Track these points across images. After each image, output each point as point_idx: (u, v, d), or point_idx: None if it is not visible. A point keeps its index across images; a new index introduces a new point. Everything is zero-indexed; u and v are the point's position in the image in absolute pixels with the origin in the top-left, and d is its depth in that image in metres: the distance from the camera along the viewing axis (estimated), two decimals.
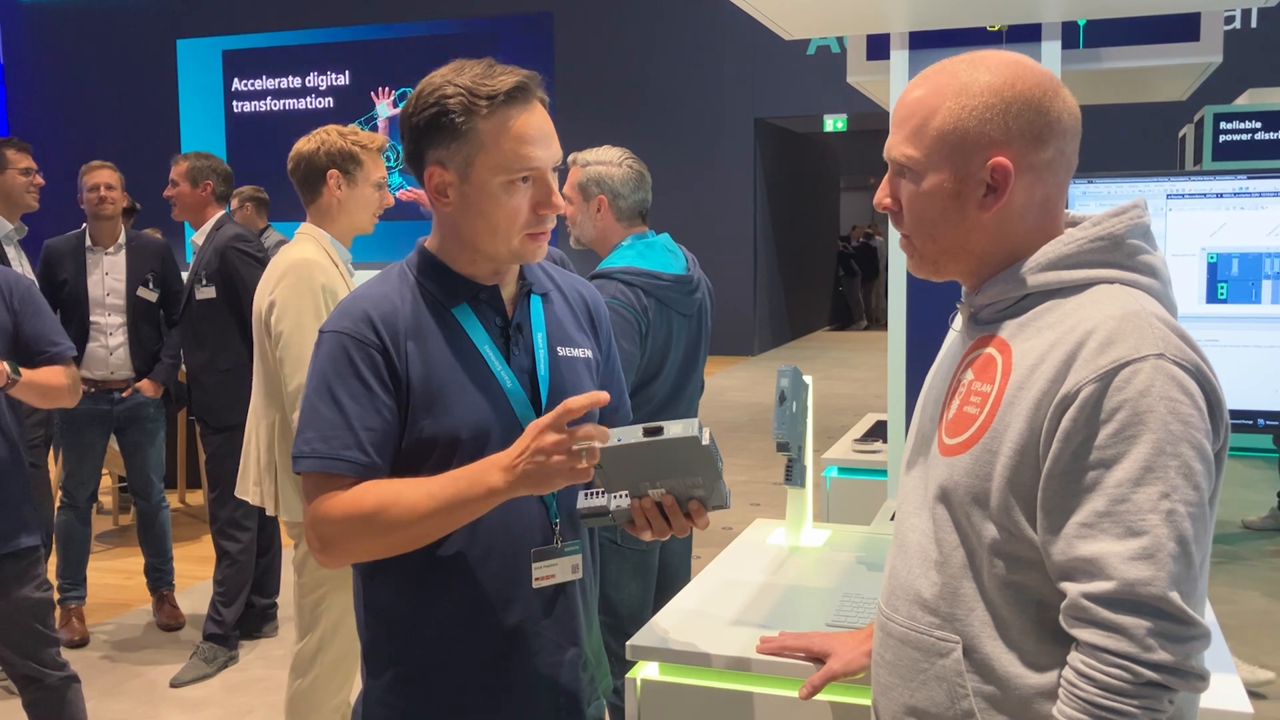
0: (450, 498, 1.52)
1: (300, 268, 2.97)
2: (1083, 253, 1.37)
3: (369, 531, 1.56)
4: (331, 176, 3.05)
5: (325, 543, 1.58)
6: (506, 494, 1.51)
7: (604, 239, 3.02)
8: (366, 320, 1.62)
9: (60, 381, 2.89)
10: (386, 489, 1.56)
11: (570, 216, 3.02)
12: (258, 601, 4.69)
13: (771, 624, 2.12)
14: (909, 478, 1.51)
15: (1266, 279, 2.70)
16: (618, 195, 2.97)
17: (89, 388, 4.60)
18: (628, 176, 2.99)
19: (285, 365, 2.94)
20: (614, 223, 3.00)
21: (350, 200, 3.08)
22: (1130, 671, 1.21)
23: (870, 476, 3.80)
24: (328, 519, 1.57)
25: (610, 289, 2.82)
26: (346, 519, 1.56)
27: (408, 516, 1.53)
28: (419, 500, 1.53)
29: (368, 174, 3.10)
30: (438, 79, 1.61)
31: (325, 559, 1.62)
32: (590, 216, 3.00)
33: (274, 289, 2.98)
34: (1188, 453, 1.24)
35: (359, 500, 1.56)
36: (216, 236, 4.44)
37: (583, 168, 3.01)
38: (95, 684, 4.16)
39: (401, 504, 1.54)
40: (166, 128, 16.81)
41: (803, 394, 2.59)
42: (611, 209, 2.98)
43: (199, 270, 4.42)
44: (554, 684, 1.71)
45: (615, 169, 2.98)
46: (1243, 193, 2.70)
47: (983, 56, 1.41)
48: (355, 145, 3.07)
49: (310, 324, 2.90)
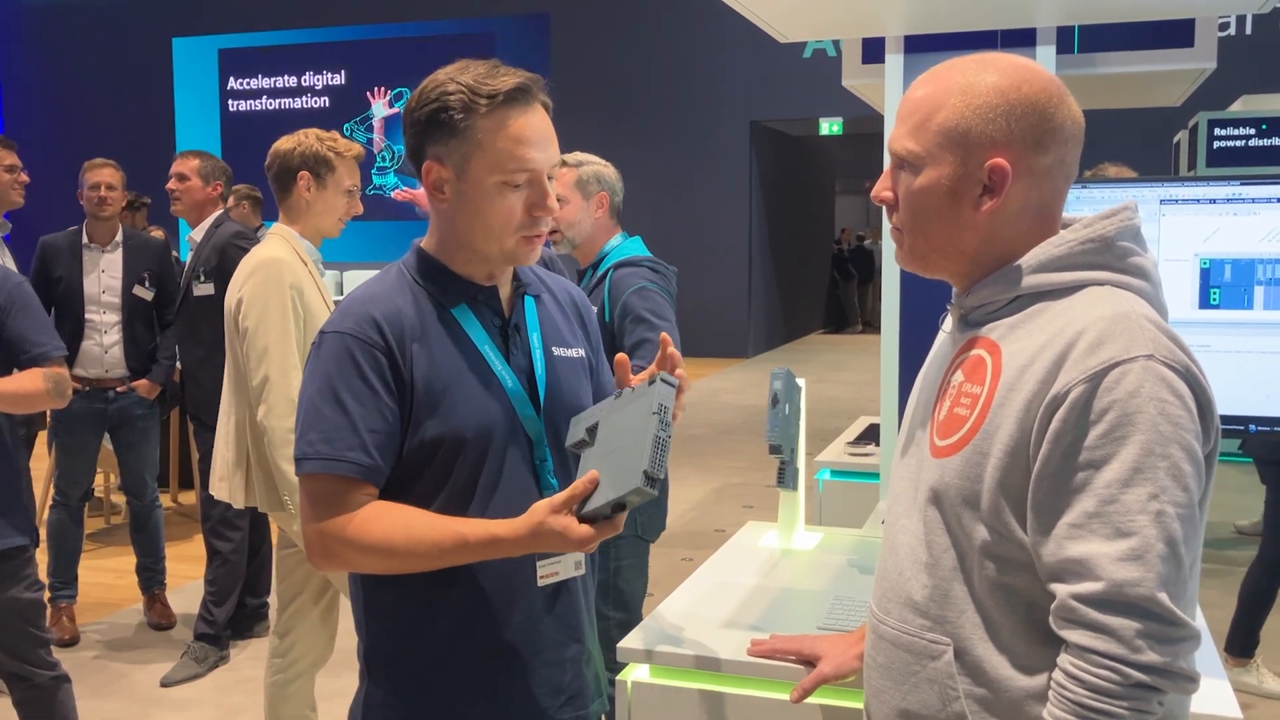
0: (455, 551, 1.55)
1: (269, 265, 3.00)
2: (1073, 254, 1.38)
3: (373, 559, 1.58)
4: (302, 178, 3.09)
5: (328, 556, 1.60)
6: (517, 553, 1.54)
7: (594, 237, 3.11)
8: (371, 321, 1.61)
9: (35, 386, 2.79)
10: (394, 522, 1.56)
11: (565, 217, 3.06)
12: (250, 601, 4.68)
13: (763, 626, 2.12)
14: (899, 479, 1.51)
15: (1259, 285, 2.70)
16: (614, 192, 3.12)
17: (83, 386, 4.59)
18: (617, 176, 3.15)
19: (250, 360, 2.97)
20: (607, 219, 3.12)
21: (318, 203, 3.13)
22: (1119, 673, 1.21)
23: (863, 479, 3.80)
24: (335, 536, 1.57)
25: (642, 274, 2.98)
26: (352, 543, 1.57)
27: (409, 555, 1.55)
28: (424, 547, 1.55)
29: (339, 180, 3.14)
30: (441, 76, 1.62)
31: (319, 564, 1.62)
32: (590, 214, 3.09)
33: (243, 286, 3.01)
34: (1177, 454, 1.24)
35: (366, 529, 1.56)
36: (217, 234, 4.44)
37: (577, 167, 3.07)
38: (86, 683, 4.15)
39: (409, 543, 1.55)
40: (162, 126, 16.78)
41: (796, 397, 2.59)
42: (610, 205, 3.11)
43: (197, 267, 4.42)
44: (558, 681, 1.71)
45: (606, 168, 3.12)
46: (1236, 199, 2.70)
47: (992, 58, 1.41)
48: (330, 151, 3.12)
49: (276, 320, 2.95)
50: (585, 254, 3.16)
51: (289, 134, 3.18)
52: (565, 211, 3.05)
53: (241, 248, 4.34)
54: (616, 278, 2.98)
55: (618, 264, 3.00)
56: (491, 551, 1.54)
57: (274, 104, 16.76)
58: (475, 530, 1.54)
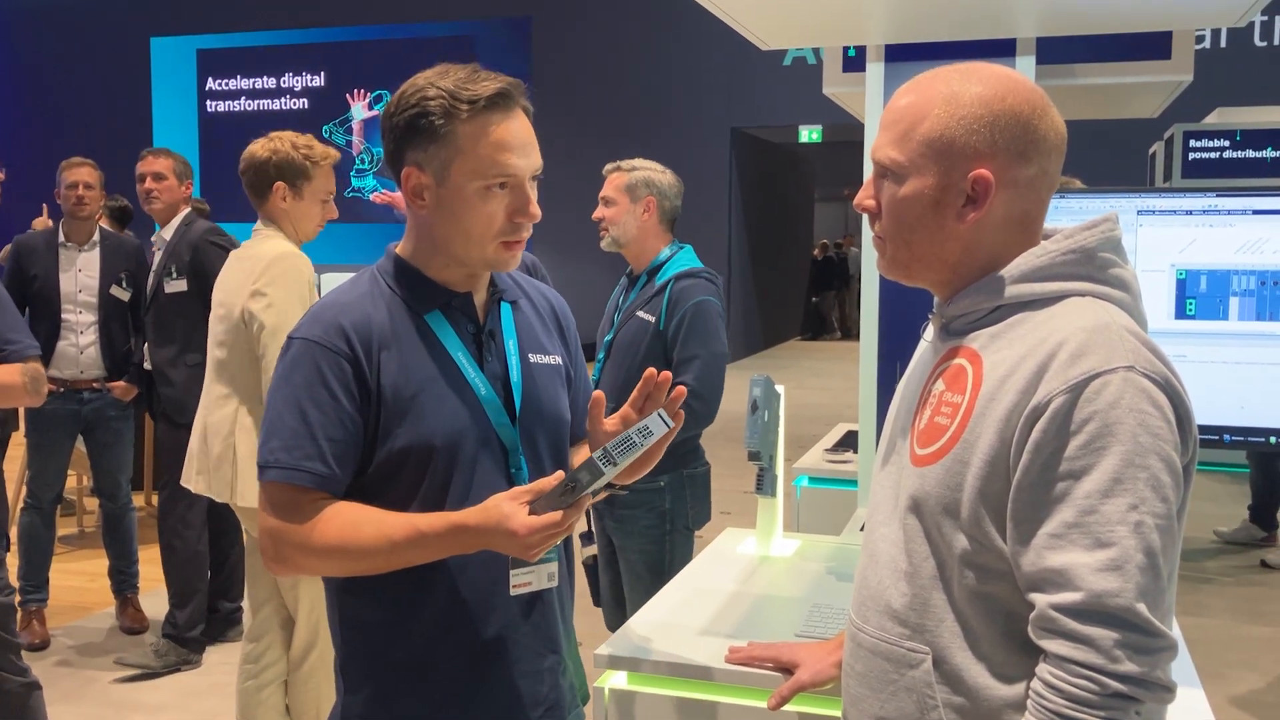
0: (410, 545, 1.53)
1: (286, 259, 2.99)
2: (1054, 265, 1.38)
3: (327, 561, 1.58)
4: (278, 189, 3.07)
5: (280, 560, 1.60)
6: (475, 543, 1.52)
7: (643, 240, 3.28)
8: (338, 329, 1.60)
9: (13, 380, 2.74)
10: (346, 520, 1.56)
11: (612, 217, 3.27)
12: (222, 606, 4.64)
13: (740, 634, 2.11)
14: (879, 488, 1.51)
15: (1234, 296, 2.72)
16: (664, 197, 3.28)
17: (57, 387, 4.54)
18: (673, 182, 3.32)
19: (269, 351, 2.94)
20: (656, 224, 3.28)
21: (294, 211, 3.13)
22: (1097, 683, 1.21)
23: (841, 486, 3.81)
24: (286, 541, 1.57)
25: (702, 288, 3.19)
26: (302, 548, 1.56)
27: (365, 550, 1.55)
28: (375, 544, 1.54)
29: (315, 189, 3.13)
30: (421, 80, 1.60)
31: (276, 569, 1.62)
32: (636, 217, 3.26)
33: (259, 280, 2.97)
34: (1156, 465, 1.24)
35: (318, 533, 1.56)
36: (189, 231, 4.39)
37: (629, 171, 3.27)
38: (56, 687, 4.10)
39: (362, 539, 1.55)
40: (139, 126, 16.64)
41: (775, 403, 2.59)
42: (658, 210, 3.27)
43: (168, 263, 4.35)
44: (534, 692, 1.70)
45: (661, 175, 3.29)
46: (1212, 210, 2.73)
47: (976, 68, 1.41)
48: (307, 160, 3.10)
49: (297, 313, 2.92)
50: (636, 258, 3.32)
51: (266, 136, 3.15)
52: (612, 212, 3.26)
53: (217, 244, 4.29)
54: (677, 289, 3.19)
55: (678, 276, 3.20)
56: (448, 540, 1.53)
57: (253, 105, 16.66)
58: (430, 520, 1.53)
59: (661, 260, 3.28)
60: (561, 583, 1.75)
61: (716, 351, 3.16)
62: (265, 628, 3.14)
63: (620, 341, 3.24)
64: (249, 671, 3.12)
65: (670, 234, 3.34)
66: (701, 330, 3.14)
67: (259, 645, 3.13)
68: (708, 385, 3.11)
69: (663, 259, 3.28)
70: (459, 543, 1.53)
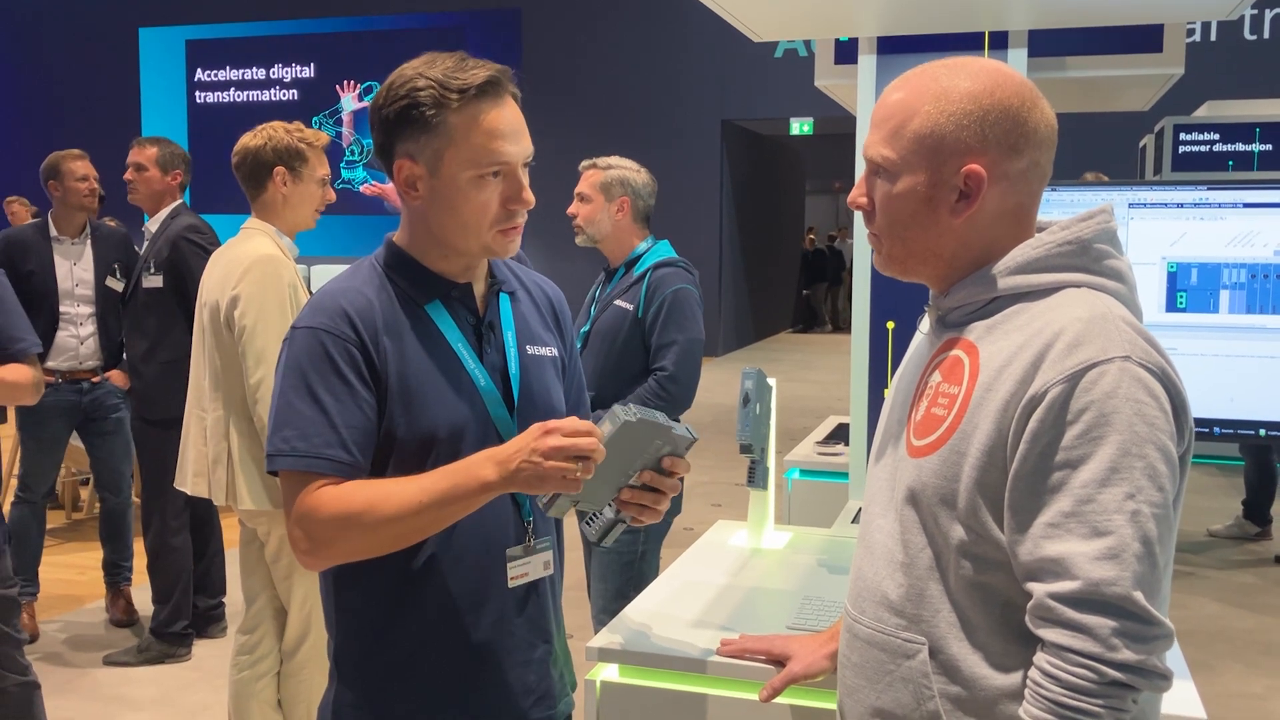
0: (443, 492, 1.49)
1: (266, 264, 2.98)
2: (1050, 256, 1.38)
3: (359, 529, 1.51)
4: (278, 173, 3.07)
5: (314, 542, 1.53)
6: (499, 489, 1.49)
7: (618, 237, 3.34)
8: (343, 315, 1.58)
9: (25, 378, 2.74)
10: (376, 486, 1.53)
11: (586, 215, 3.33)
12: (203, 603, 4.62)
13: (732, 626, 2.11)
14: (875, 479, 1.51)
15: (1224, 289, 2.73)
16: (639, 197, 3.32)
17: (56, 379, 4.53)
18: (647, 181, 3.36)
19: (247, 359, 2.94)
20: (630, 222, 3.33)
21: (295, 196, 3.12)
22: (1095, 671, 1.22)
23: (832, 479, 3.81)
24: (315, 518, 1.52)
25: (680, 277, 3.27)
26: (336, 517, 1.51)
27: (399, 512, 1.49)
28: (410, 496, 1.49)
29: (313, 170, 3.15)
30: (409, 71, 1.59)
31: (310, 560, 1.56)
32: (610, 215, 3.31)
33: (238, 284, 2.97)
34: (1153, 454, 1.25)
35: (349, 497, 1.51)
36: (171, 226, 4.33)
37: (604, 170, 3.32)
38: (46, 681, 4.05)
39: (393, 500, 1.50)
40: (128, 117, 16.58)
41: (766, 396, 2.59)
42: (631, 209, 3.31)
43: (148, 258, 4.32)
44: (526, 681, 1.70)
45: (636, 174, 3.34)
46: (1203, 203, 2.73)
47: (964, 63, 1.41)
48: (301, 142, 3.11)
49: (275, 319, 2.93)
50: (612, 253, 3.38)
51: (252, 129, 3.15)
52: (586, 209, 3.32)
53: (194, 242, 4.24)
54: (655, 278, 3.26)
55: (656, 265, 3.28)
56: (478, 468, 1.48)
57: (242, 96, 16.61)
58: (455, 465, 1.50)
59: (640, 252, 3.35)
60: (554, 571, 1.75)
61: (694, 337, 3.25)
62: (259, 619, 3.13)
63: (598, 329, 3.30)
64: (243, 663, 3.12)
65: (647, 229, 3.39)
66: (679, 316, 3.22)
67: (253, 637, 3.13)
68: (684, 370, 3.20)
69: (640, 251, 3.35)
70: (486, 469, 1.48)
